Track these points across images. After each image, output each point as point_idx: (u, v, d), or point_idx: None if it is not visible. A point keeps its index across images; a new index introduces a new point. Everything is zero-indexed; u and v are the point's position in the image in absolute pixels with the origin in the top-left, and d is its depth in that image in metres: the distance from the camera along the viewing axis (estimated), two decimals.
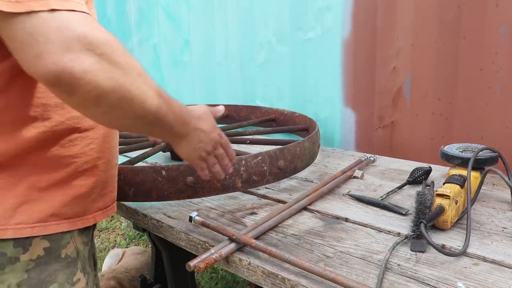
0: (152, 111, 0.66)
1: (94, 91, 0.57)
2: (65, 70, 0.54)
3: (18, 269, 0.66)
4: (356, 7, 1.61)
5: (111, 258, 2.05)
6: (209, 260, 0.83)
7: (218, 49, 2.18)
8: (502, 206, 1.05)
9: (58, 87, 0.56)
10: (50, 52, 0.54)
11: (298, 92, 1.87)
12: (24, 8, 0.53)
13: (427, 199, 0.88)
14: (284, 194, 1.18)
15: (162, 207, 1.11)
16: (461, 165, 1.05)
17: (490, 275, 0.75)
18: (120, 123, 0.67)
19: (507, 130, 1.32)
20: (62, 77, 0.54)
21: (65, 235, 0.72)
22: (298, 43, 1.82)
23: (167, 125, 0.72)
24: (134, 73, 0.62)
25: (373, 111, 1.64)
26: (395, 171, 1.35)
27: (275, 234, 0.94)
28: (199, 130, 0.79)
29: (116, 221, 3.05)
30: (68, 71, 0.54)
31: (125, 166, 1.02)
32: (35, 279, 0.68)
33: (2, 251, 0.65)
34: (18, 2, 0.53)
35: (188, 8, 2.30)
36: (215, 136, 0.83)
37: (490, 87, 1.33)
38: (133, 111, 0.63)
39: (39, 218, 0.68)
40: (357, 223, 0.99)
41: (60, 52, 0.54)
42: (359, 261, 0.82)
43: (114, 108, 0.61)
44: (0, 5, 0.53)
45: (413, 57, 1.49)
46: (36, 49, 0.54)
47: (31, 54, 0.54)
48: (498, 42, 1.29)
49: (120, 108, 0.61)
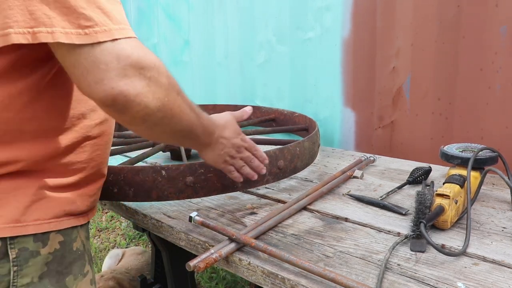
0: (187, 126, 0.77)
1: (143, 111, 0.66)
2: (121, 94, 0.62)
3: (39, 262, 0.70)
4: (356, 7, 1.61)
5: (110, 258, 2.05)
6: (209, 260, 0.83)
7: (218, 49, 2.19)
8: (502, 206, 1.05)
9: (113, 107, 0.63)
10: (110, 78, 0.61)
11: (298, 92, 1.87)
12: (92, 40, 0.60)
13: (427, 199, 0.88)
14: (284, 194, 1.18)
15: (162, 207, 1.11)
16: (461, 165, 1.05)
17: (490, 275, 0.75)
18: (159, 137, 0.77)
19: (507, 130, 1.32)
20: (118, 99, 0.62)
21: (74, 230, 0.77)
22: (298, 43, 1.82)
23: (196, 137, 0.83)
24: (175, 93, 0.71)
25: (373, 111, 1.64)
26: (395, 171, 1.35)
27: (275, 234, 0.94)
28: (222, 138, 0.90)
29: (116, 221, 3.05)
30: (123, 94, 0.62)
31: (125, 166, 1.02)
32: (54, 271, 0.72)
33: (24, 246, 0.69)
34: (87, 34, 0.60)
35: (188, 8, 2.30)
36: (237, 141, 0.93)
37: (490, 87, 1.33)
38: (172, 127, 0.74)
39: (54, 215, 0.72)
40: (357, 223, 0.99)
41: (118, 78, 0.61)
42: (359, 261, 0.82)
43: (157, 125, 0.70)
44: (72, 39, 0.60)
45: (413, 57, 1.49)
46: (98, 76, 0.61)
47: (92, 80, 0.61)
48: (498, 42, 1.29)
49: (162, 124, 0.71)
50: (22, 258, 0.69)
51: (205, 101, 2.25)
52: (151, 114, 0.67)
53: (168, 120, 0.71)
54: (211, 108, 1.95)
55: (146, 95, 0.65)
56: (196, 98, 2.35)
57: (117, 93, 0.62)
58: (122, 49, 0.62)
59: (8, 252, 0.67)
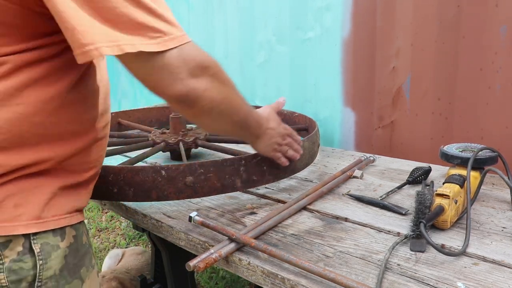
0: (244, 117, 0.89)
1: (210, 104, 0.77)
2: (192, 90, 0.73)
3: (60, 256, 0.74)
4: (356, 7, 1.61)
5: (110, 258, 2.04)
6: (209, 260, 0.83)
7: (217, 48, 2.19)
8: (501, 206, 1.05)
9: (184, 102, 0.74)
10: (181, 79, 0.71)
11: (298, 92, 1.87)
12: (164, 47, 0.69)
13: (427, 199, 0.88)
14: (283, 194, 1.18)
15: (161, 207, 1.11)
16: (461, 165, 1.05)
17: (489, 275, 0.75)
18: (221, 126, 0.89)
19: (507, 130, 1.32)
20: (190, 95, 0.73)
21: (80, 225, 0.81)
22: (298, 43, 1.82)
23: (249, 128, 0.95)
24: (231, 87, 0.83)
25: (373, 111, 1.64)
26: (394, 171, 1.35)
27: (275, 234, 0.94)
28: (269, 129, 1.01)
29: (116, 221, 3.05)
30: (194, 90, 0.73)
31: (125, 166, 1.02)
32: (71, 263, 0.76)
33: (45, 241, 0.73)
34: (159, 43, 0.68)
35: (188, 8, 2.30)
36: (282, 130, 1.05)
37: (490, 86, 1.33)
38: (232, 118, 0.86)
39: (67, 211, 0.77)
40: (357, 223, 0.99)
41: (188, 78, 0.72)
42: (358, 261, 0.82)
43: (220, 115, 0.81)
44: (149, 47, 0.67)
45: (413, 57, 1.49)
46: (171, 78, 0.71)
47: (166, 82, 0.71)
48: (497, 41, 1.29)
49: (224, 115, 0.83)
50: (46, 252, 0.72)
51: None
52: (215, 106, 0.78)
53: (229, 111, 0.83)
54: None
55: (212, 90, 0.76)
56: None
57: (188, 90, 0.72)
58: (187, 54, 0.71)
59: (33, 247, 0.71)
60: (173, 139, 1.44)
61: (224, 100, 0.80)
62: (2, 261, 0.69)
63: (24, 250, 0.70)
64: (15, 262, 0.70)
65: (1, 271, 0.69)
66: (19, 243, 0.70)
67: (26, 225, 0.70)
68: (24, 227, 0.70)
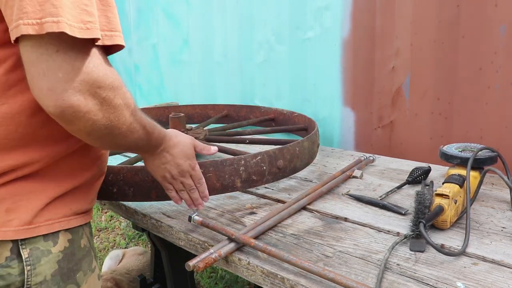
0: (131, 142, 0.77)
1: (90, 127, 0.66)
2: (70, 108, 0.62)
3: (51, 261, 0.73)
4: (355, 7, 1.61)
5: (111, 259, 2.04)
6: (209, 259, 0.83)
7: (217, 48, 2.18)
8: (501, 205, 1.05)
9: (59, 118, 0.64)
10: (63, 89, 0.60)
11: (297, 92, 1.87)
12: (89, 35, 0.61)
13: (427, 198, 0.88)
14: (283, 194, 1.18)
15: (161, 207, 1.11)
16: (461, 165, 1.05)
17: (489, 275, 0.75)
18: (100, 146, 0.81)
19: (506, 130, 1.32)
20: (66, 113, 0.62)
21: (80, 228, 0.79)
22: (297, 42, 1.82)
23: (140, 149, 0.84)
24: (128, 113, 0.71)
25: (372, 110, 1.64)
26: (394, 171, 1.35)
27: (275, 234, 0.94)
28: (166, 153, 0.89)
29: (116, 221, 3.05)
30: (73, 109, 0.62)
31: (125, 166, 1.02)
32: (65, 268, 0.75)
33: (35, 246, 0.71)
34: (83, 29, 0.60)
35: (187, 8, 2.30)
36: (183, 164, 0.92)
37: (489, 86, 1.33)
38: (116, 142, 0.74)
39: (63, 214, 0.75)
40: (357, 223, 0.99)
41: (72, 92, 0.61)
42: (358, 260, 0.82)
43: (101, 138, 0.70)
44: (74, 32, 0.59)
45: (412, 57, 1.49)
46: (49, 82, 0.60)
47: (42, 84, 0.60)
48: (497, 41, 1.29)
49: (106, 139, 0.71)
50: (34, 258, 0.70)
51: (204, 101, 2.25)
52: (96, 130, 0.67)
53: (113, 137, 0.72)
54: (211, 108, 1.95)
55: (96, 113, 0.65)
56: (195, 97, 2.35)
57: (67, 107, 0.62)
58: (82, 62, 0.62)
59: (21, 252, 0.69)
60: None
61: (109, 126, 0.69)
62: None
63: (11, 256, 0.69)
64: (2, 267, 0.68)
65: None
66: (7, 248, 0.68)
67: (16, 230, 0.69)
68: (13, 232, 0.69)
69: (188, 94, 2.40)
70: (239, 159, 1.06)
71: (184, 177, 0.93)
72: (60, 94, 0.60)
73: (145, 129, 0.78)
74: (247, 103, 2.06)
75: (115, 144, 0.75)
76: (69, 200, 0.77)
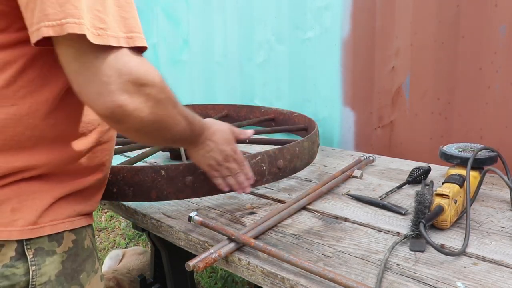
0: (177, 134, 0.80)
1: (139, 124, 0.69)
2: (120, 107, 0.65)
3: (56, 261, 0.73)
4: (355, 7, 1.61)
5: (111, 259, 2.04)
6: (209, 259, 0.83)
7: (217, 48, 2.18)
8: (501, 205, 1.05)
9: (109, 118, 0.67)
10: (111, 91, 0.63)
11: (297, 92, 1.87)
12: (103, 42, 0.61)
13: (426, 198, 0.88)
14: (283, 194, 1.18)
15: (161, 207, 1.11)
16: (460, 165, 1.05)
17: (489, 275, 0.75)
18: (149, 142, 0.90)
19: (507, 130, 1.32)
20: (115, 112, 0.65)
21: (83, 229, 0.80)
22: (297, 42, 1.82)
23: (184, 140, 0.87)
24: (170, 106, 0.75)
25: (372, 110, 1.64)
26: (394, 171, 1.35)
27: (274, 234, 0.94)
28: (209, 141, 0.92)
29: (116, 221, 3.05)
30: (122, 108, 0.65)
31: (124, 166, 1.02)
32: (69, 269, 0.75)
33: (40, 246, 0.71)
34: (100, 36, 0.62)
35: (187, 8, 2.30)
36: (226, 149, 0.95)
37: (489, 86, 1.33)
38: (162, 136, 0.78)
39: (67, 215, 0.75)
40: (356, 223, 0.99)
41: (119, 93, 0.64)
42: (358, 260, 0.82)
43: (149, 134, 0.74)
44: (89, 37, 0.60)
45: (412, 57, 1.49)
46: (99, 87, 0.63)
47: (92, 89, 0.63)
48: (497, 41, 1.29)
49: (154, 134, 0.75)
50: (39, 258, 0.71)
51: (204, 101, 2.25)
52: (144, 126, 0.70)
53: (160, 131, 0.75)
54: (211, 108, 1.95)
55: (143, 110, 0.68)
56: (195, 97, 2.35)
57: (116, 107, 0.64)
58: (124, 63, 0.64)
59: (25, 252, 0.69)
60: None
61: (156, 121, 0.72)
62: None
63: (16, 256, 0.69)
64: (7, 267, 0.68)
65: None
66: (12, 247, 0.69)
67: (21, 230, 0.69)
68: (18, 232, 0.69)
69: (188, 94, 2.40)
70: None
71: (229, 162, 0.96)
72: (108, 97, 0.63)
73: (187, 119, 0.81)
74: (247, 103, 2.06)
75: (163, 137, 0.79)
76: (73, 202, 0.77)
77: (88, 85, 0.63)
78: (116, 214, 1.62)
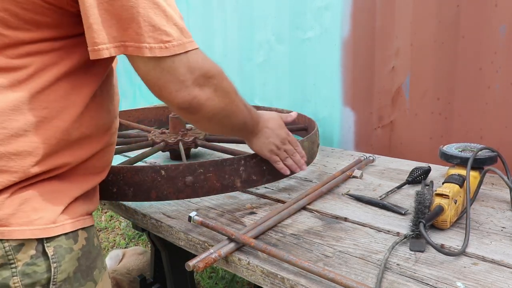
0: (242, 120, 0.93)
1: (212, 112, 0.81)
2: (195, 99, 0.77)
3: (73, 258, 0.74)
4: (355, 7, 1.61)
5: (111, 259, 2.04)
6: (209, 259, 0.83)
7: (216, 48, 2.18)
8: (501, 205, 1.05)
9: (187, 109, 0.78)
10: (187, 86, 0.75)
11: (297, 92, 1.87)
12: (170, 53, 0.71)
13: (426, 198, 0.88)
14: (283, 194, 1.18)
15: (161, 207, 1.11)
16: (460, 165, 1.05)
17: (489, 275, 0.75)
18: (220, 131, 0.94)
19: (507, 130, 1.32)
20: (192, 103, 0.77)
21: (92, 228, 0.82)
22: (297, 42, 1.82)
23: (247, 127, 0.98)
24: (234, 94, 0.87)
25: (372, 110, 1.64)
26: (394, 171, 1.35)
27: (274, 234, 0.94)
28: (266, 128, 1.03)
29: (116, 220, 3.05)
30: (197, 99, 0.77)
31: (124, 166, 1.02)
32: (84, 265, 0.77)
33: (58, 244, 0.73)
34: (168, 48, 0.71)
35: (187, 8, 2.30)
36: (282, 133, 1.06)
37: (489, 86, 1.33)
38: (231, 122, 0.90)
39: (80, 214, 0.78)
40: (356, 223, 0.99)
41: (193, 87, 0.75)
42: (358, 260, 0.82)
43: (220, 121, 0.86)
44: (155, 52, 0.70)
45: (412, 57, 1.49)
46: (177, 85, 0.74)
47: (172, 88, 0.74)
48: (497, 41, 1.29)
49: (224, 121, 0.87)
50: (59, 255, 0.72)
51: None
52: (217, 114, 0.82)
53: (229, 118, 0.87)
54: None
55: (214, 99, 0.80)
56: None
57: (192, 99, 0.76)
58: (194, 61, 0.75)
59: (46, 250, 0.71)
60: (172, 139, 1.44)
61: (225, 108, 0.84)
62: (15, 265, 0.68)
63: (37, 254, 0.70)
64: (28, 265, 0.69)
65: (15, 274, 0.68)
66: (32, 246, 0.70)
67: (42, 229, 0.70)
68: (40, 231, 0.70)
69: None
70: (239, 159, 1.06)
71: (286, 144, 1.07)
72: (185, 91, 0.75)
73: (247, 107, 0.94)
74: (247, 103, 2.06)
75: (231, 125, 0.90)
76: (84, 201, 0.80)
77: (168, 85, 0.74)
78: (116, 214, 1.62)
